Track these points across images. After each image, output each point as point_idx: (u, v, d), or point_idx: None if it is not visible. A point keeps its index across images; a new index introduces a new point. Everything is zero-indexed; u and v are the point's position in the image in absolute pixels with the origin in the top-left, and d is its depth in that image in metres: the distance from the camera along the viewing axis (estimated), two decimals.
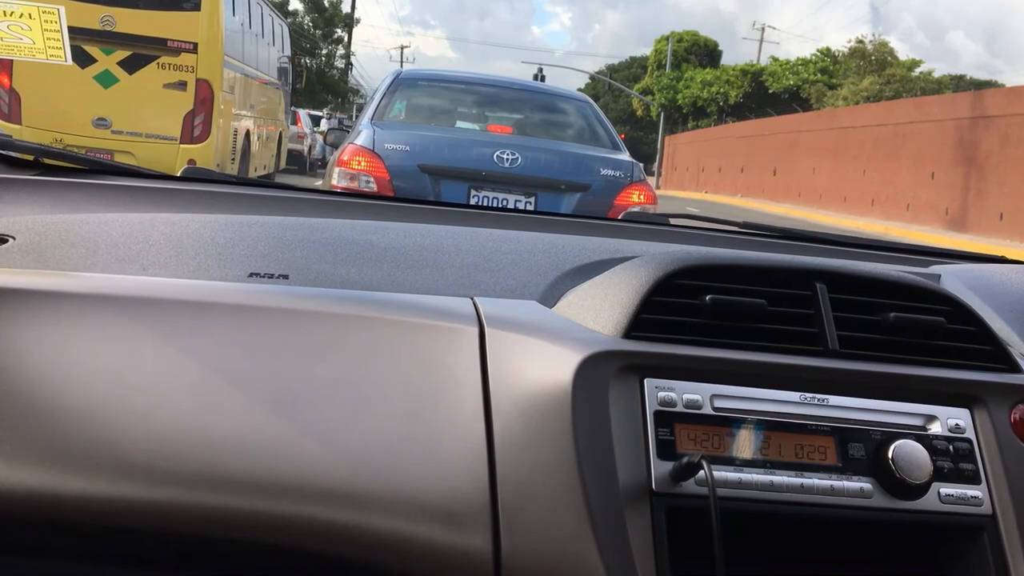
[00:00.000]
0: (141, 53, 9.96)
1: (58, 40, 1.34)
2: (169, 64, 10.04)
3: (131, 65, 9.96)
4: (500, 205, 4.98)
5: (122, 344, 0.98)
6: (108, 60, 9.89)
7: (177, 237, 1.25)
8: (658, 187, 40.42)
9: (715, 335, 1.04)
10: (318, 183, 8.50)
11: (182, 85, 10.06)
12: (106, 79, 9.90)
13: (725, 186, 35.69)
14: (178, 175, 1.73)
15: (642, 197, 5.29)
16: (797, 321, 1.07)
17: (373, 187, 4.95)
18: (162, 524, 0.90)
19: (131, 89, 9.93)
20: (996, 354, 1.12)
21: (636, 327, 1.02)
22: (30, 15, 1.31)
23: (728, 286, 1.06)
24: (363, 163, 5.03)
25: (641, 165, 5.66)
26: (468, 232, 1.47)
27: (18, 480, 0.89)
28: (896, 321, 1.08)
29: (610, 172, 5.33)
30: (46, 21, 1.32)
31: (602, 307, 1.06)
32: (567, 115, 6.33)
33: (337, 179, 5.10)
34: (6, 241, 1.19)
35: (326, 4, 42.32)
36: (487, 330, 1.02)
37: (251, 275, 1.14)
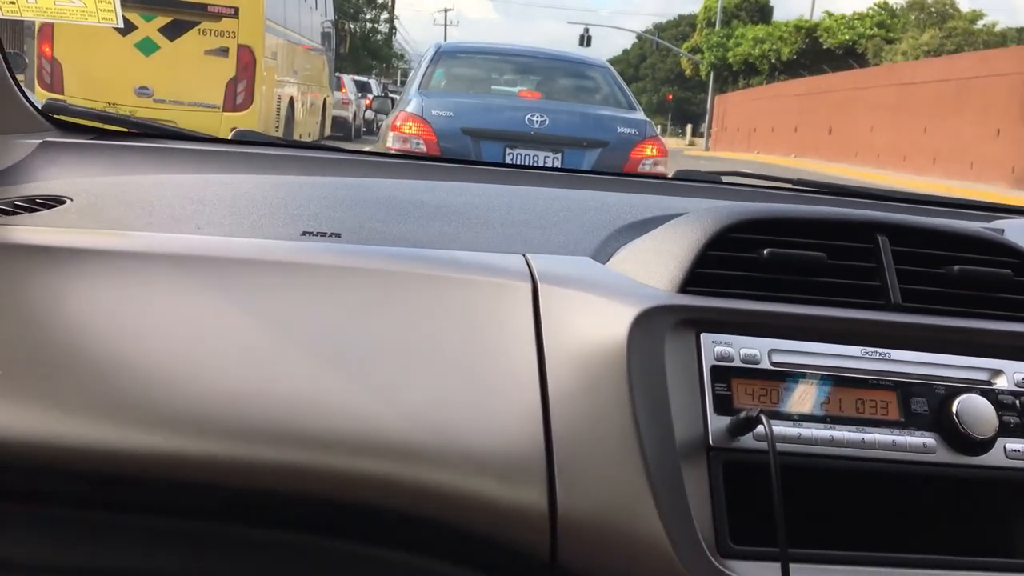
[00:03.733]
0: (182, 19, 9.83)
1: (109, 3, 1.36)
2: (210, 30, 9.90)
3: (172, 31, 9.83)
4: (531, 162, 5.63)
5: (179, 302, 1.00)
6: (148, 27, 9.75)
7: (230, 197, 1.26)
8: (707, 148, 39.85)
9: (773, 289, 1.02)
10: (365, 149, 8.54)
11: (224, 51, 9.92)
12: (147, 46, 9.78)
13: (778, 146, 34.85)
14: (228, 138, 1.74)
15: (654, 151, 6.00)
16: (858, 275, 1.05)
17: (423, 149, 5.58)
18: (220, 478, 0.90)
19: (172, 56, 9.81)
20: None
21: (692, 281, 1.01)
22: None
23: (786, 239, 1.05)
24: (413, 127, 5.69)
25: (653, 122, 6.53)
26: (517, 191, 1.47)
27: (79, 434, 0.90)
28: (961, 274, 1.06)
29: (625, 130, 6.05)
30: None
31: (657, 262, 1.05)
32: (588, 80, 7.08)
33: (391, 142, 5.76)
34: (64, 202, 1.21)
35: None
36: (540, 286, 1.02)
37: (304, 233, 1.14)
